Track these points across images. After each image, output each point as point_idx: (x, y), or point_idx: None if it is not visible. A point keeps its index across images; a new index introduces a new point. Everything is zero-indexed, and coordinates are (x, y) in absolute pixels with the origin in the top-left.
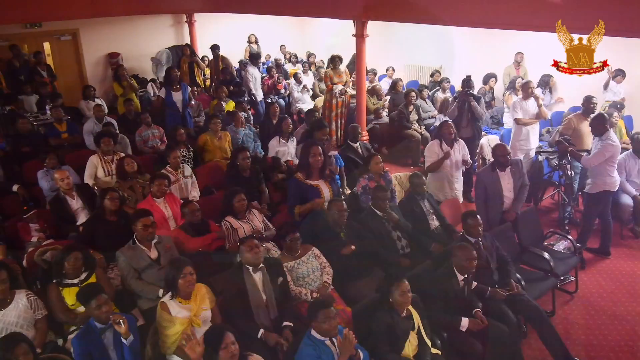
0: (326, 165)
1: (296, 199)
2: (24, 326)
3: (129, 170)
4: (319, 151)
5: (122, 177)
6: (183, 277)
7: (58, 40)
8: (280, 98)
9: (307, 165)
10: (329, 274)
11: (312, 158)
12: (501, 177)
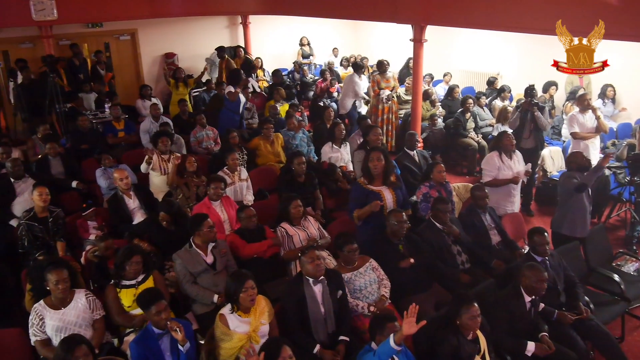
0: (389, 171)
1: (357, 204)
2: (83, 326)
3: (190, 169)
4: (377, 156)
5: (179, 173)
6: (245, 292)
7: (117, 39)
8: (333, 101)
9: (368, 170)
10: (387, 287)
11: (370, 163)
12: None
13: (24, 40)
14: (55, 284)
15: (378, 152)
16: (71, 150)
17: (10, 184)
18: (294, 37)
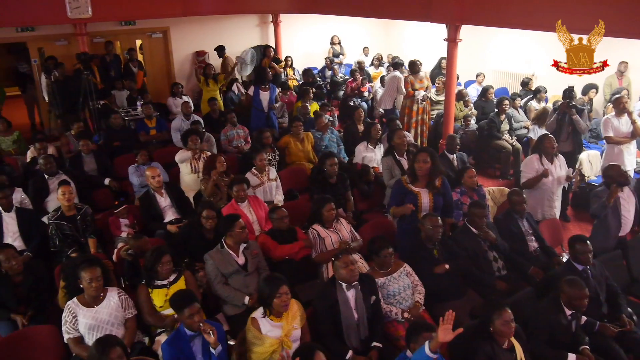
0: (435, 175)
1: (396, 200)
2: (115, 324)
3: (219, 169)
4: (423, 157)
5: (208, 173)
6: (279, 297)
7: (149, 37)
8: (364, 101)
9: (412, 170)
10: (421, 294)
11: (416, 164)
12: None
13: (59, 38)
14: (88, 281)
15: (425, 153)
16: (104, 147)
17: (44, 180)
18: (324, 36)
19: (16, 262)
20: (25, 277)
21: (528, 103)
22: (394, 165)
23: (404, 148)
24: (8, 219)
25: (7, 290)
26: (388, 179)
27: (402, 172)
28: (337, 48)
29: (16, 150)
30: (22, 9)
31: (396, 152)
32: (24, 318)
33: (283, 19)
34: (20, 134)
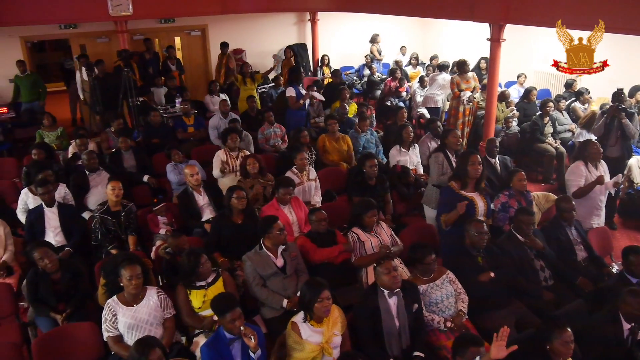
0: (484, 177)
1: (446, 208)
2: (154, 324)
3: (251, 171)
4: (478, 160)
5: (244, 175)
6: (320, 302)
7: (188, 35)
8: (401, 101)
9: (465, 174)
10: (464, 302)
11: (470, 167)
12: None
13: (101, 35)
14: (129, 279)
15: (476, 155)
16: (142, 144)
17: (85, 176)
18: (360, 35)
19: (49, 260)
20: (63, 274)
21: (572, 105)
22: (445, 162)
23: (456, 148)
24: (50, 214)
25: (46, 287)
26: (438, 175)
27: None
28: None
29: (59, 146)
30: (66, 7)
31: (448, 151)
32: (62, 317)
33: (320, 17)
34: (64, 129)
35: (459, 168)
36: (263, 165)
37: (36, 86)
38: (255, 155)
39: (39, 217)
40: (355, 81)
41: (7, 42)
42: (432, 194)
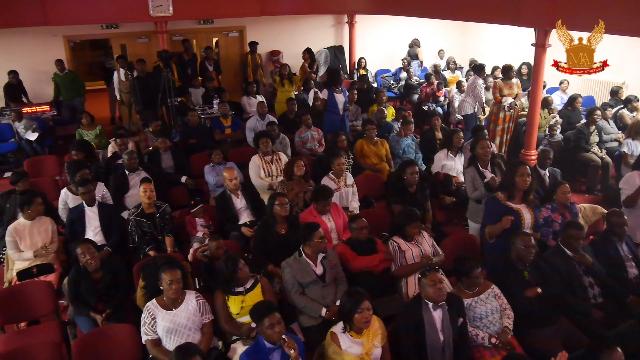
0: (532, 189)
1: (491, 219)
2: (192, 329)
3: (297, 174)
4: (527, 171)
5: (289, 177)
6: (360, 312)
7: (226, 36)
8: (439, 106)
9: (512, 185)
10: (510, 318)
11: (519, 177)
12: None
13: (141, 35)
14: (169, 283)
15: (526, 166)
16: (180, 145)
17: (124, 176)
18: (397, 38)
19: (91, 257)
20: (104, 274)
21: (619, 112)
22: (477, 176)
23: (486, 159)
24: (90, 213)
25: (87, 286)
26: (471, 191)
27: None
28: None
29: (97, 144)
30: (108, 7)
31: (479, 163)
32: (102, 317)
33: (358, 20)
34: (102, 128)
35: (507, 178)
36: (309, 170)
37: (75, 84)
38: (302, 158)
39: (79, 216)
40: (392, 85)
41: (51, 42)
42: (475, 208)
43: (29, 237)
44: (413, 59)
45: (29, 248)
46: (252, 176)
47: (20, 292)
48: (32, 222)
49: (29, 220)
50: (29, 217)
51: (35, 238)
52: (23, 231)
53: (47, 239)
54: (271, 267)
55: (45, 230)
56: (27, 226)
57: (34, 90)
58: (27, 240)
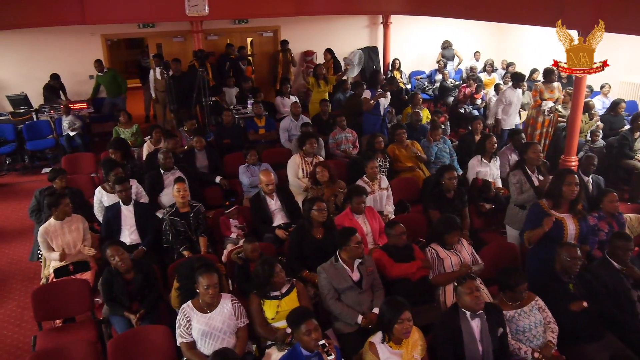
0: (580, 199)
1: (532, 225)
2: (227, 333)
3: (321, 180)
4: (575, 180)
5: (314, 182)
6: (400, 323)
7: (260, 36)
8: (475, 109)
9: (558, 194)
10: (554, 332)
11: (566, 187)
12: None
13: (176, 35)
14: (205, 287)
15: (574, 175)
16: (215, 144)
17: (160, 175)
18: (432, 39)
19: (120, 258)
20: (136, 274)
21: None
22: (524, 180)
23: (537, 164)
24: (126, 212)
25: (120, 287)
26: (517, 195)
27: (534, 189)
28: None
29: (133, 143)
30: (146, 7)
31: (527, 167)
32: (136, 317)
33: (393, 21)
34: (139, 127)
35: (553, 187)
36: (332, 172)
37: (116, 81)
38: (324, 163)
39: (115, 215)
40: (426, 86)
41: (89, 40)
42: (515, 214)
43: (60, 236)
44: (448, 60)
45: (60, 248)
46: (290, 175)
47: (57, 289)
48: (62, 222)
49: (58, 220)
50: (57, 217)
51: (66, 237)
52: (54, 231)
53: (78, 237)
54: (306, 273)
55: (77, 229)
56: (57, 226)
57: (71, 87)
58: (58, 240)
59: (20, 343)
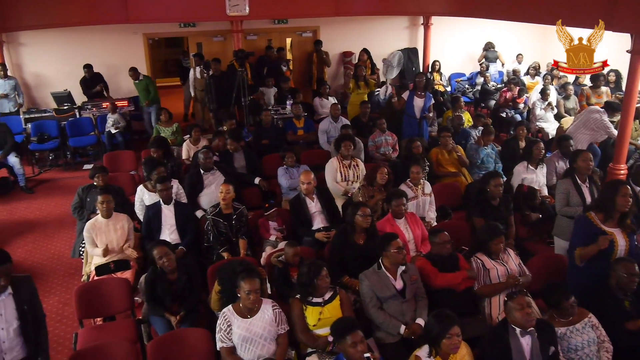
0: (632, 212)
1: (581, 241)
2: (268, 339)
3: (380, 182)
4: (629, 191)
5: (370, 183)
6: (449, 338)
7: (299, 36)
8: (517, 113)
9: (611, 206)
10: (609, 352)
11: (621, 198)
12: None
13: (217, 34)
14: (247, 292)
15: (627, 185)
16: (253, 145)
17: (199, 175)
18: (474, 41)
19: (167, 259)
20: (180, 275)
21: None
22: (573, 190)
23: (587, 173)
24: (167, 212)
25: (163, 287)
26: (561, 205)
27: (582, 201)
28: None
29: (173, 141)
30: (187, 6)
31: (577, 176)
32: (177, 319)
33: (434, 22)
34: (179, 125)
35: (605, 198)
36: (392, 178)
37: (147, 90)
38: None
39: (156, 214)
40: (467, 89)
41: (132, 39)
42: (564, 224)
43: (105, 234)
44: (491, 62)
45: (104, 245)
46: (328, 180)
47: (98, 287)
48: (108, 219)
49: (105, 218)
50: (102, 215)
51: (110, 235)
52: (100, 228)
53: (122, 236)
54: (346, 279)
55: (122, 227)
56: (103, 223)
57: (113, 85)
58: (103, 237)
59: (61, 339)
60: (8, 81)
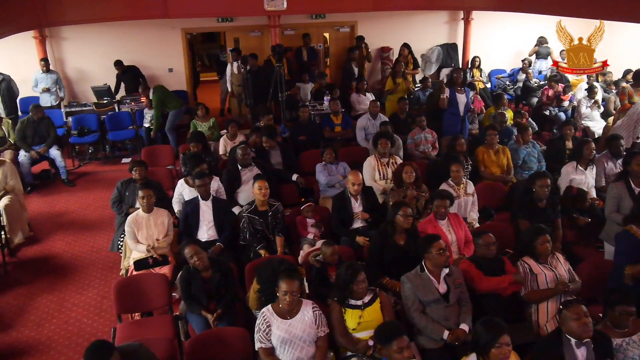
0: None
1: (627, 258)
2: (307, 341)
3: (407, 180)
4: None
5: (398, 184)
6: (498, 347)
7: (337, 31)
8: (562, 111)
9: None
10: None
11: None
12: None
13: (254, 29)
14: (284, 293)
15: None
16: (290, 141)
17: (237, 171)
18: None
19: (198, 258)
20: (214, 273)
21: None
22: (626, 194)
23: None
24: (205, 208)
25: (198, 285)
26: (611, 210)
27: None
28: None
29: (210, 137)
30: (225, 1)
31: (632, 180)
32: (213, 317)
33: (475, 16)
34: (215, 121)
35: None
36: (419, 175)
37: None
38: (412, 164)
39: (194, 210)
40: (508, 86)
41: (170, 34)
42: (615, 230)
43: (146, 228)
44: (543, 58)
45: (145, 239)
46: (366, 178)
47: (137, 283)
48: (149, 214)
49: (146, 212)
50: (143, 210)
51: (151, 230)
52: (141, 222)
53: (162, 231)
54: (387, 280)
55: (162, 223)
56: (144, 218)
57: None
58: (144, 231)
59: (99, 332)
60: (50, 75)
